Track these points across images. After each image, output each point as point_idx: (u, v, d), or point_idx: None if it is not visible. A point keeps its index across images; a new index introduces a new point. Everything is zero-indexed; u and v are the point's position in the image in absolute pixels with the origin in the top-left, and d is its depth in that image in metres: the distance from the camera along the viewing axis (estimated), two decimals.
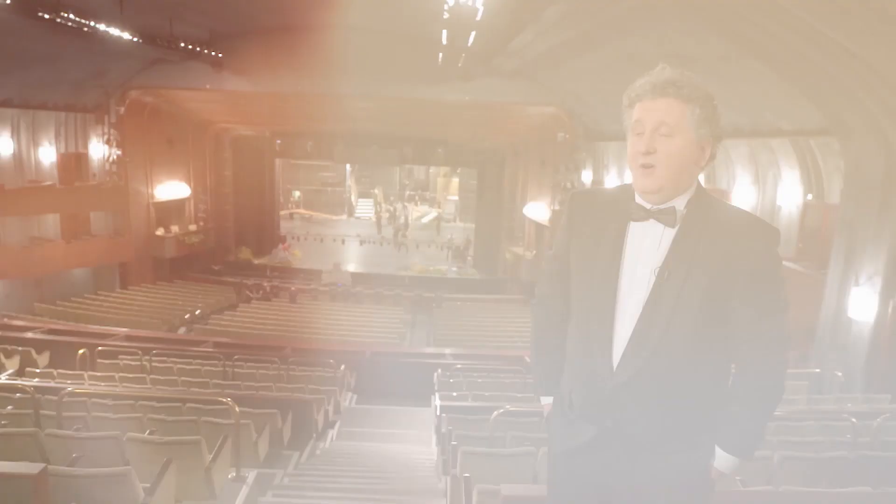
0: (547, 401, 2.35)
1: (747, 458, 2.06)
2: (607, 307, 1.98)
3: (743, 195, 13.49)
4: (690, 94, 1.87)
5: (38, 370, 9.44)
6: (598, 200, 2.13)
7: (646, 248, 1.97)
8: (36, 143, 19.90)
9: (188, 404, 6.37)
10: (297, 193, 42.04)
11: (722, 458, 2.03)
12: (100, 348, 10.75)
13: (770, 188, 12.99)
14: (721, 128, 1.94)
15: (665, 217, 1.94)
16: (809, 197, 11.93)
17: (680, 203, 1.95)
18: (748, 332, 1.94)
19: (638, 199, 1.99)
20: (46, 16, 14.18)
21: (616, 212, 2.03)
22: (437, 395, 9.80)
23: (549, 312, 2.28)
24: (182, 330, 19.34)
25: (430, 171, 43.03)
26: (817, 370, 9.79)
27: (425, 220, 41.25)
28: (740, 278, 1.89)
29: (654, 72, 1.93)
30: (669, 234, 1.94)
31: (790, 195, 12.35)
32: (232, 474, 5.22)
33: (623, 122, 2.01)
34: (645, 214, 1.97)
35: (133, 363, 10.34)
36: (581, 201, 2.16)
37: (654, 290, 1.93)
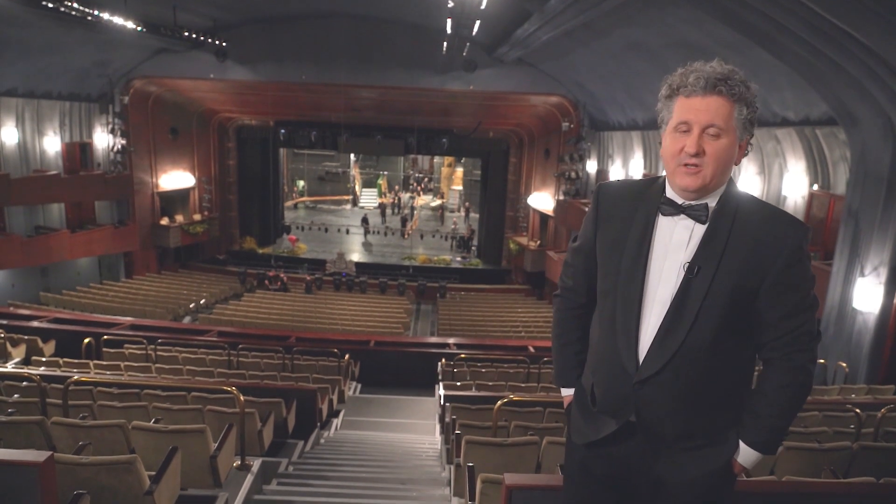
0: (567, 392, 2.33)
1: (771, 454, 2.05)
2: (634, 301, 1.96)
3: (748, 185, 13.43)
4: (741, 93, 1.82)
5: (44, 359, 9.50)
6: (626, 193, 2.08)
7: (675, 243, 1.94)
8: (41, 133, 19.92)
9: (193, 393, 6.40)
10: (301, 183, 42.04)
11: (745, 453, 2.02)
12: (105, 337, 10.80)
13: (776, 178, 12.92)
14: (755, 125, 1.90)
15: (696, 213, 1.92)
16: (815, 187, 11.87)
17: (712, 199, 1.92)
18: (777, 330, 1.93)
19: (669, 194, 1.96)
20: (50, 4, 14.15)
21: (645, 205, 2.00)
22: (440, 384, 9.84)
23: (572, 305, 2.26)
24: (187, 319, 19.43)
25: (435, 160, 43.03)
26: (821, 361, 9.79)
27: (434, 204, 41.74)
28: (770, 276, 1.87)
29: (702, 65, 1.85)
30: (700, 229, 1.92)
31: (796, 185, 12.28)
32: (237, 463, 5.25)
33: (659, 111, 1.94)
34: (675, 210, 1.94)
35: (138, 352, 10.39)
36: (609, 193, 2.12)
37: (683, 286, 1.90)
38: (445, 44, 18.08)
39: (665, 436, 2.00)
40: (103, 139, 22.43)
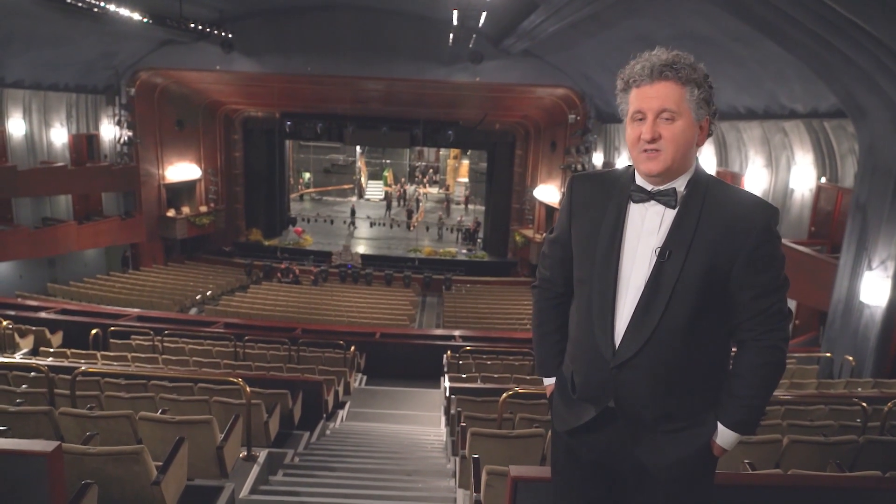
0: (549, 382, 2.37)
1: (749, 434, 2.09)
2: (609, 287, 2.00)
3: (756, 178, 13.37)
4: (688, 75, 1.88)
5: (51, 350, 9.55)
6: (598, 183, 2.14)
7: (647, 229, 1.98)
8: (47, 125, 19.99)
9: (200, 384, 6.43)
10: (307, 175, 42.03)
11: (723, 434, 2.06)
12: (112, 328, 10.86)
13: (783, 171, 12.86)
14: (716, 105, 1.96)
15: (666, 198, 1.96)
16: (823, 180, 11.81)
17: (680, 184, 1.96)
18: (749, 310, 1.96)
19: (638, 181, 2.01)
20: None
21: (616, 194, 2.05)
22: (446, 376, 9.86)
23: (550, 295, 2.30)
24: (193, 311, 19.50)
25: (441, 152, 42.93)
26: (828, 354, 9.76)
27: (437, 192, 41.81)
28: (740, 257, 1.91)
29: (648, 55, 1.92)
30: (670, 214, 1.96)
31: (803, 178, 12.23)
32: (243, 454, 5.28)
33: (618, 105, 2.01)
34: (645, 196, 1.98)
35: (145, 343, 10.44)
36: (581, 184, 2.18)
37: (655, 270, 1.94)
38: (451, 35, 18.02)
39: (644, 419, 2.03)
40: (110, 131, 22.48)
